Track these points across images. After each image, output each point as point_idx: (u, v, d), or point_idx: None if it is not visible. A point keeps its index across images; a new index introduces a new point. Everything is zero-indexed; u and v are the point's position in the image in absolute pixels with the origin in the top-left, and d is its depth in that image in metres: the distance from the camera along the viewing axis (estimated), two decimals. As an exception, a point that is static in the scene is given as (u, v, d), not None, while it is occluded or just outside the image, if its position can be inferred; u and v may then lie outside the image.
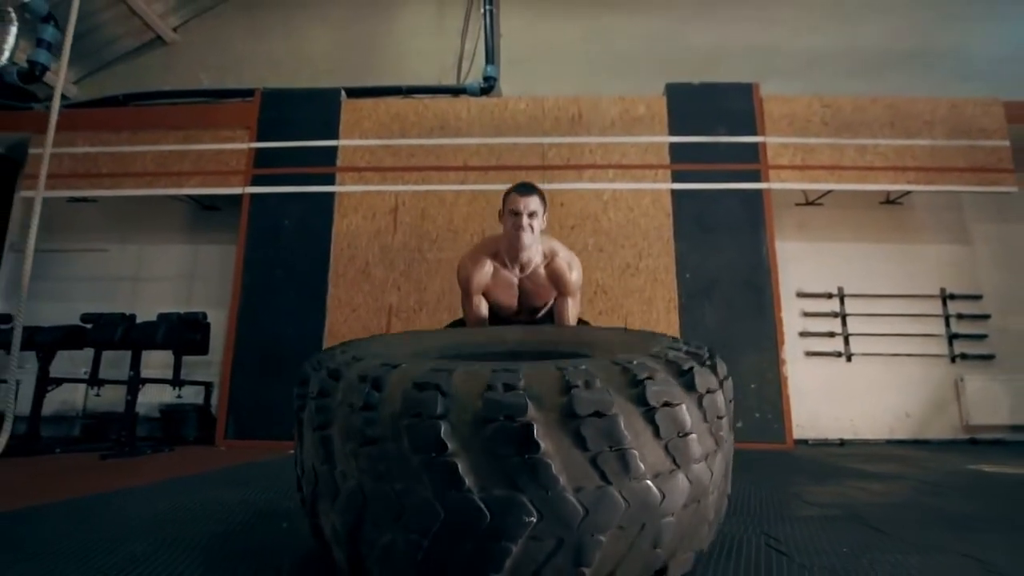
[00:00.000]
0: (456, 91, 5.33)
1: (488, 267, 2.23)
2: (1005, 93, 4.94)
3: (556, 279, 2.22)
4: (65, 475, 2.76)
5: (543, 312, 2.37)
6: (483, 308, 2.27)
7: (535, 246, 2.21)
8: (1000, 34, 5.52)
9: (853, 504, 1.93)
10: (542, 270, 2.23)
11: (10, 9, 4.32)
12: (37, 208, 3.03)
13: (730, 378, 1.09)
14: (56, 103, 3.17)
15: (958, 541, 1.41)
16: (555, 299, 2.28)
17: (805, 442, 4.58)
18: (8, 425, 2.79)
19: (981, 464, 3.14)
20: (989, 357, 4.86)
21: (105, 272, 5.32)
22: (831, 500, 2.01)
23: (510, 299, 2.27)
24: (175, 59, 5.82)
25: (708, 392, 0.94)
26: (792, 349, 4.76)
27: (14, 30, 4.38)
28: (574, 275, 2.23)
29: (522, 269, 2.23)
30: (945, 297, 4.98)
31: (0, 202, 5.46)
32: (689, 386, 0.92)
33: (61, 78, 3.18)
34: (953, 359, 4.87)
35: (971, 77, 5.34)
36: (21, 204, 5.44)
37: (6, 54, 4.35)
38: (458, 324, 2.52)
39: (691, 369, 0.94)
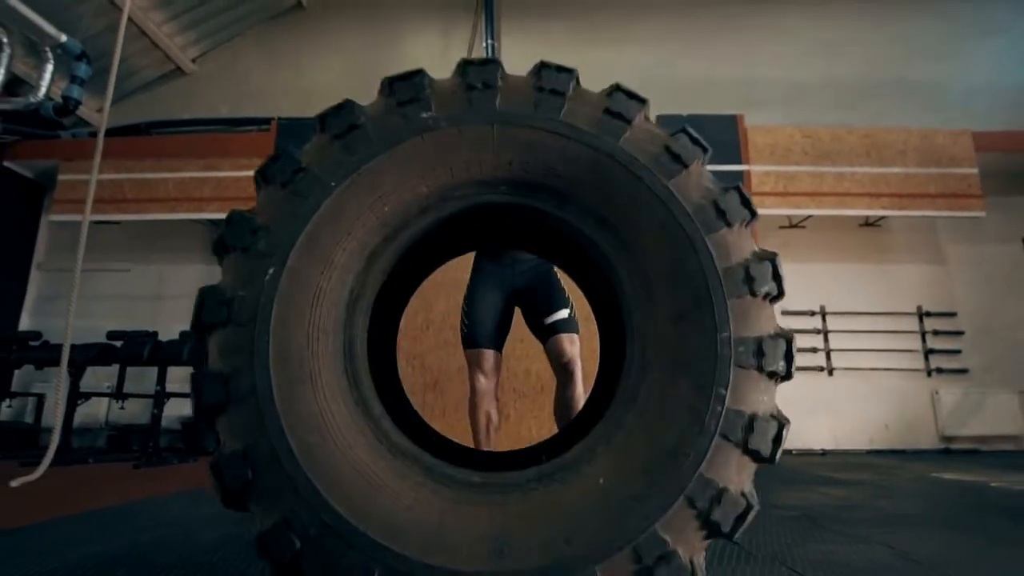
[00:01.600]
0: (460, 120, 5.67)
1: None
2: (975, 123, 5.28)
3: None
4: (111, 482, 3.04)
5: None
6: None
7: None
8: (971, 67, 5.87)
9: (811, 506, 2.21)
10: None
11: (47, 48, 4.65)
12: (84, 231, 3.30)
13: None
14: (101, 138, 3.46)
15: (886, 535, 1.70)
16: None
17: (789, 452, 4.85)
18: (56, 436, 3.06)
19: (943, 472, 3.42)
20: (963, 371, 5.15)
21: (127, 291, 5.62)
22: (793, 503, 2.30)
23: None
24: (194, 89, 6.16)
25: None
26: (777, 364, 5.06)
27: (50, 67, 4.70)
28: None
29: None
30: (921, 314, 5.28)
31: (27, 224, 5.77)
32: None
33: (105, 114, 3.48)
34: (929, 373, 5.16)
35: (944, 107, 5.68)
36: (48, 227, 5.76)
37: (43, 90, 4.67)
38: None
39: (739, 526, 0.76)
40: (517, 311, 2.17)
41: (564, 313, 2.05)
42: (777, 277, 0.82)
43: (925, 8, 6.09)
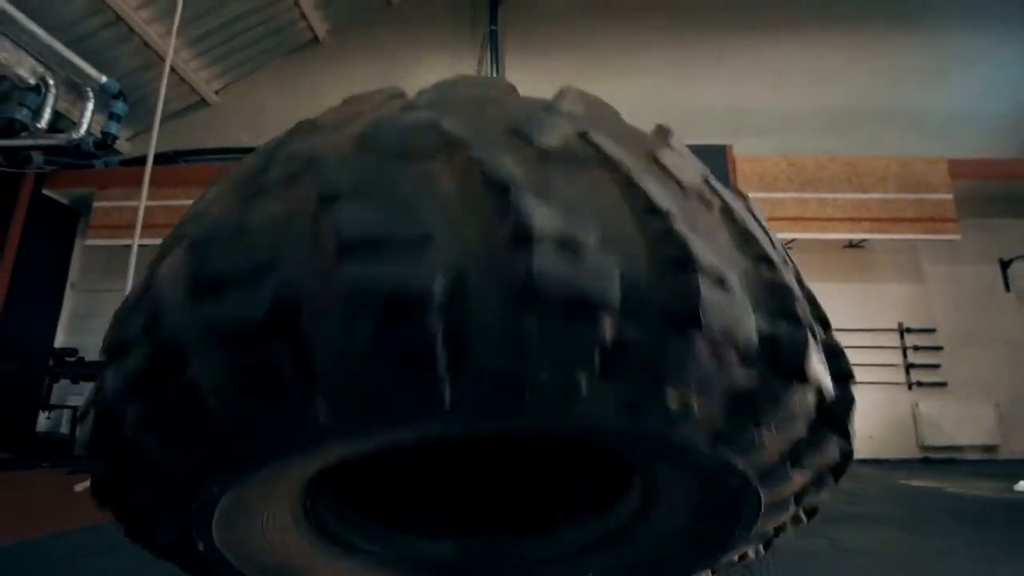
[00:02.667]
0: (467, 148, 6.05)
1: None
2: (956, 150, 5.62)
3: None
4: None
5: None
6: None
7: None
8: (950, 96, 6.21)
9: (778, 509, 2.53)
10: None
11: (88, 88, 5.06)
12: (134, 253, 3.69)
13: None
14: (148, 169, 3.85)
15: (832, 530, 2.02)
16: None
17: (777, 461, 5.15)
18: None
19: (911, 479, 3.73)
20: (942, 384, 5.45)
21: (155, 309, 5.98)
22: (764, 506, 2.61)
23: None
24: (217, 119, 6.56)
25: None
26: (766, 378, 5.37)
27: (91, 106, 5.11)
28: None
29: None
30: (902, 331, 5.60)
31: (62, 247, 6.16)
32: None
33: (152, 147, 3.87)
34: (910, 386, 5.47)
35: (925, 134, 6.02)
36: (81, 249, 6.15)
37: (84, 127, 5.07)
38: None
39: None
40: None
41: None
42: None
43: (910, 39, 6.44)
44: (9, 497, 2.80)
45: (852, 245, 5.76)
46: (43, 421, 5.63)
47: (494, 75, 6.19)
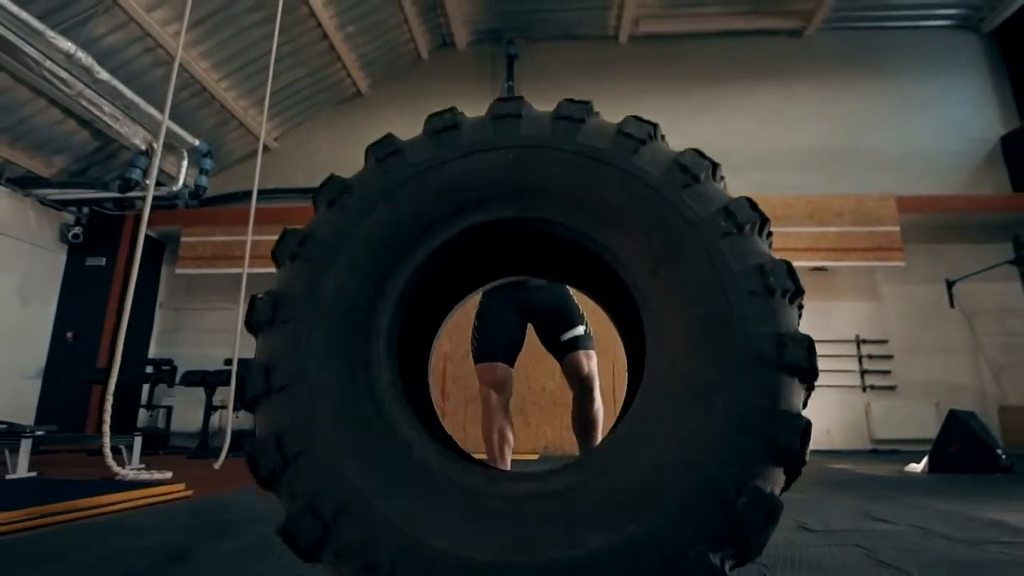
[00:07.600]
0: (488, 187, 7.15)
1: None
2: (909, 185, 6.59)
3: None
4: (264, 468, 4.54)
5: None
6: None
7: None
8: (905, 137, 7.16)
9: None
10: None
11: (183, 149, 6.24)
12: (244, 280, 4.82)
13: None
14: (252, 210, 4.97)
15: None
16: None
17: (748, 452, 6.19)
18: (228, 438, 4.55)
19: (838, 464, 4.76)
20: (891, 388, 6.44)
21: (228, 325, 7.16)
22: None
23: None
24: (276, 162, 7.72)
25: None
26: (740, 382, 6.41)
27: (185, 163, 6.30)
28: None
29: None
30: (859, 342, 6.59)
31: (152, 273, 7.38)
32: None
33: (252, 214, 5.02)
34: (864, 389, 6.46)
35: (881, 172, 6.98)
36: (167, 274, 7.37)
37: (181, 180, 6.26)
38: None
39: None
40: (530, 330, 2.17)
41: (580, 330, 2.06)
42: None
43: (870, 86, 7.39)
44: (178, 471, 3.97)
45: (818, 269, 6.75)
46: (143, 417, 6.86)
47: (511, 124, 7.26)
